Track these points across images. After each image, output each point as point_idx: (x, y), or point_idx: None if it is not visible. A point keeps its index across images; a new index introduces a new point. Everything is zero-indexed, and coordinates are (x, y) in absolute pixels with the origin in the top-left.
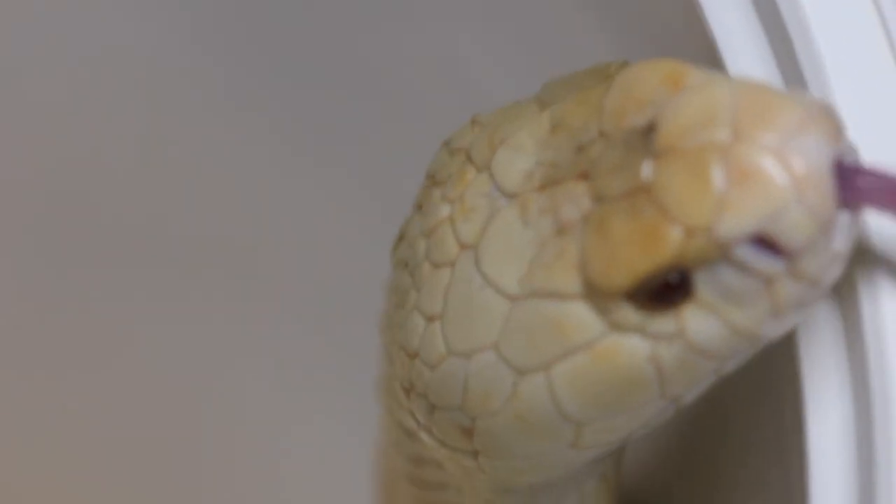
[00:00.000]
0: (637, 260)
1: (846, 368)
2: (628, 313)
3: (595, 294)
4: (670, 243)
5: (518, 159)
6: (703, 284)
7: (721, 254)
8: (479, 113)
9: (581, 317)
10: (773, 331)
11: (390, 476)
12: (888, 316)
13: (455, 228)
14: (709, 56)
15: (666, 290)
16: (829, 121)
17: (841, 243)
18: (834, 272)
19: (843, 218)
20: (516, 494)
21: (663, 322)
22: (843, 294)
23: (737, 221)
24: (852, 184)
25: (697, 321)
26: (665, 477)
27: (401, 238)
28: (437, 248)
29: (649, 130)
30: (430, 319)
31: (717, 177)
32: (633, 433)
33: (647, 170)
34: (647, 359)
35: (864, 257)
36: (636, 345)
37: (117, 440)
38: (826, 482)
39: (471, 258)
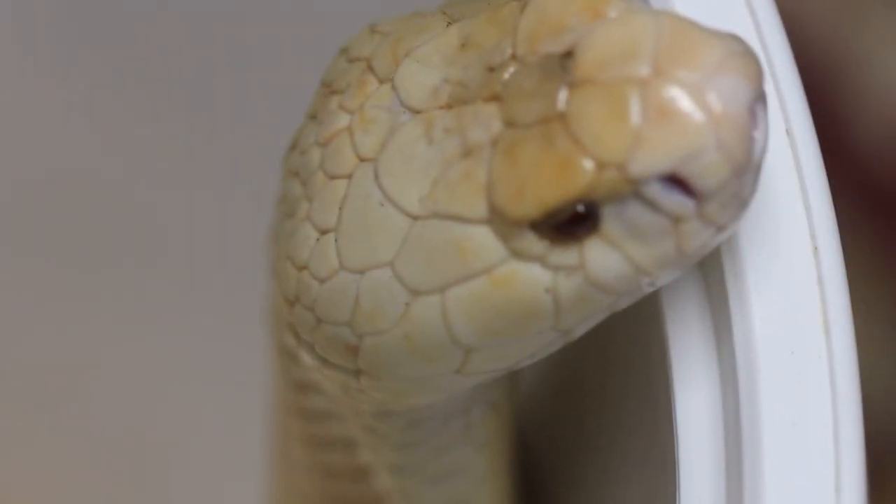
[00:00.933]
0: (547, 190)
1: (712, 339)
2: (531, 242)
3: (499, 220)
4: (582, 176)
5: (424, 74)
6: (609, 219)
7: (632, 190)
8: (376, 20)
9: (483, 241)
10: (672, 272)
11: (279, 415)
12: (751, 287)
13: (353, 140)
14: None
15: (572, 222)
16: (751, 63)
17: (751, 188)
18: (739, 217)
19: (756, 163)
20: (398, 419)
21: (565, 253)
22: (707, 265)
23: (651, 159)
24: (767, 128)
25: (600, 255)
26: (558, 411)
27: (293, 147)
28: (333, 158)
29: (566, 58)
30: (322, 232)
31: (634, 112)
32: (520, 363)
33: (562, 98)
34: (545, 289)
35: None
36: (536, 274)
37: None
38: (694, 462)
39: (369, 172)
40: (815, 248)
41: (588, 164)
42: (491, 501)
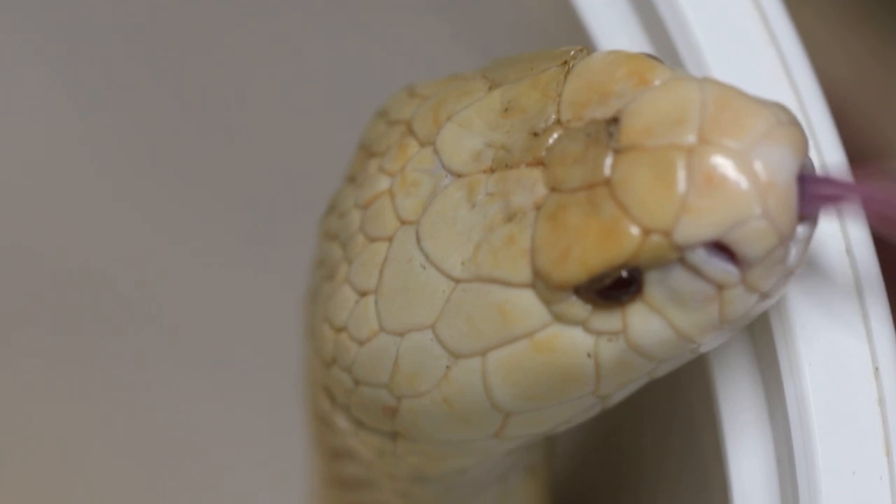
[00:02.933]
0: (592, 255)
1: (764, 406)
2: (574, 306)
3: (542, 284)
4: (628, 242)
5: (466, 138)
6: (653, 284)
7: (676, 256)
8: (413, 82)
9: (525, 305)
10: (715, 339)
11: (315, 485)
12: (802, 349)
13: (395, 202)
14: (577, 38)
15: (615, 287)
16: (796, 132)
17: (796, 257)
18: (784, 286)
19: (801, 231)
20: (434, 485)
21: (608, 318)
22: (756, 329)
23: (697, 227)
24: (813, 196)
25: (642, 320)
26: (596, 477)
27: (330, 210)
28: (373, 221)
29: (612, 124)
30: (362, 294)
31: (681, 179)
32: (556, 428)
33: (608, 164)
34: (587, 353)
35: None
36: (578, 338)
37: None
38: None
39: (411, 235)
40: (877, 369)
41: (634, 230)
42: None
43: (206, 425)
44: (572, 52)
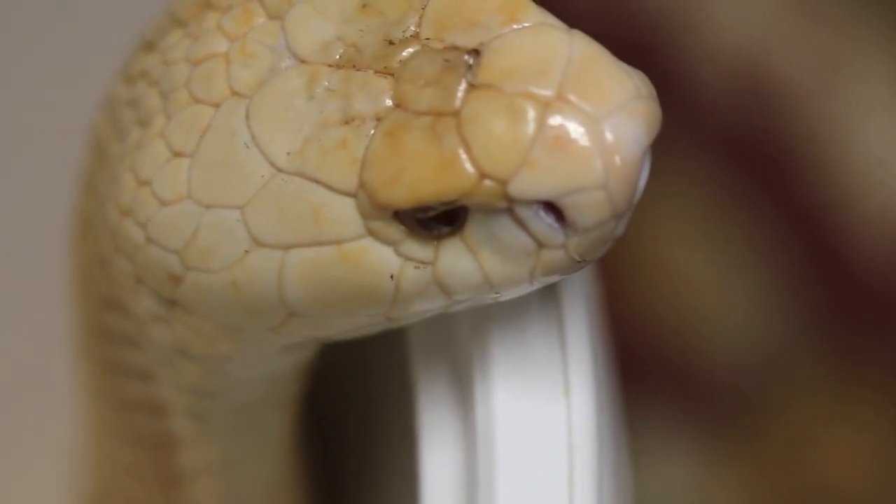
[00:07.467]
0: (423, 185)
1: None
2: (390, 227)
3: (365, 198)
4: (463, 181)
5: (317, 24)
6: (475, 225)
7: (506, 206)
8: None
9: (342, 212)
10: (518, 292)
11: (80, 336)
12: (495, 364)
13: (229, 70)
14: None
15: (437, 219)
16: (653, 107)
17: (620, 228)
18: (601, 254)
19: (632, 206)
20: (198, 364)
21: (421, 247)
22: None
23: (535, 183)
24: (647, 173)
25: (454, 257)
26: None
27: (149, 48)
28: (202, 81)
29: (473, 55)
30: (176, 154)
31: (530, 131)
32: (336, 336)
33: (460, 96)
34: (390, 274)
35: None
36: (386, 257)
37: None
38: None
39: (240, 109)
40: None
41: (471, 170)
42: (286, 456)
43: None
44: None
